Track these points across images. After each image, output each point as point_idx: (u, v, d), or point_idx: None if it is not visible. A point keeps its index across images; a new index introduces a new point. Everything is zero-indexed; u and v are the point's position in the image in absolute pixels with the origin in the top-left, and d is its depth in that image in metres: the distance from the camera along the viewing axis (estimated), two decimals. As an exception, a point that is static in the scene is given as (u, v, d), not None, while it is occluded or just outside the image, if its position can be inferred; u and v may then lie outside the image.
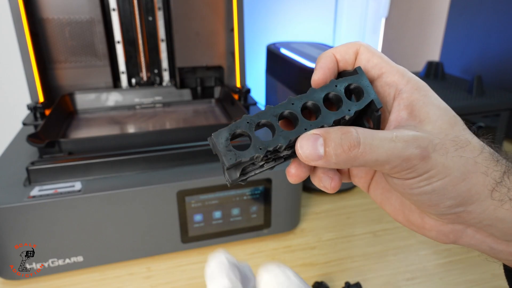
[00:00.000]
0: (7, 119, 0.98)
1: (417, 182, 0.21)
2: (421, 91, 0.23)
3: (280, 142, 0.22)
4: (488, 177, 0.21)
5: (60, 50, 0.77)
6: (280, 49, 0.87)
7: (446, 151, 0.20)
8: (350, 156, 0.20)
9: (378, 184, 0.27)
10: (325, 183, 0.25)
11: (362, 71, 0.24)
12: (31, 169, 0.54)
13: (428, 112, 0.22)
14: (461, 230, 0.23)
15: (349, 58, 0.25)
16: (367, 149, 0.20)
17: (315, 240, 0.64)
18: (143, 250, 0.57)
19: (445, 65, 1.11)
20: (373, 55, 0.24)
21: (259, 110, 0.80)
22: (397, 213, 0.26)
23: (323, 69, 0.25)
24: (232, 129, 0.22)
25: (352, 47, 0.25)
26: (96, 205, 0.52)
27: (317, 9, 1.20)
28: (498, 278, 0.56)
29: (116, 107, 0.80)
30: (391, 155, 0.20)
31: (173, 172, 0.57)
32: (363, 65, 0.25)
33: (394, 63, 0.24)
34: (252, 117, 0.23)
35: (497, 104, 0.87)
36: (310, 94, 0.24)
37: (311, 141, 0.21)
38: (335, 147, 0.20)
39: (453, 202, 0.21)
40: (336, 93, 0.24)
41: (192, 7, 0.81)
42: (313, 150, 0.21)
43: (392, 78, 0.24)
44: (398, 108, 0.23)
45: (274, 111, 0.23)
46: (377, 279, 0.56)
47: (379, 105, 0.24)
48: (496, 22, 0.98)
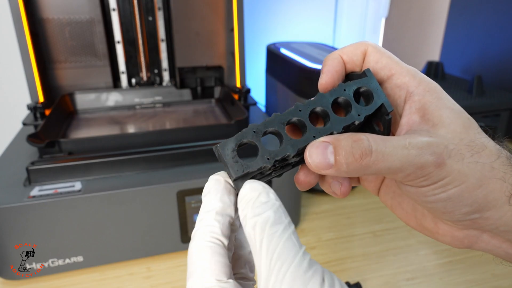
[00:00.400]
0: (7, 119, 0.98)
1: (432, 189, 0.20)
2: (434, 93, 0.22)
3: (289, 152, 0.22)
4: (506, 183, 0.20)
5: (60, 50, 0.77)
6: (280, 49, 0.87)
7: (461, 157, 0.20)
8: (362, 165, 0.19)
9: (388, 188, 0.26)
10: (334, 188, 0.25)
11: (371, 73, 0.23)
12: (31, 169, 0.54)
13: (441, 115, 0.21)
14: (476, 235, 0.22)
15: (357, 59, 0.24)
16: (379, 157, 0.19)
17: (315, 240, 0.64)
18: (143, 250, 0.57)
19: (445, 65, 1.11)
20: (382, 55, 0.24)
21: (259, 110, 0.80)
22: (409, 218, 0.25)
23: (330, 72, 0.24)
24: (238, 139, 0.22)
25: (359, 47, 0.24)
26: (96, 205, 0.52)
27: (317, 9, 1.20)
28: (498, 278, 0.56)
29: (116, 107, 0.80)
30: (405, 163, 0.19)
31: (173, 172, 0.57)
32: (372, 67, 0.24)
33: (404, 64, 0.24)
34: (258, 126, 0.22)
35: (497, 104, 0.87)
36: (318, 100, 0.23)
37: (320, 150, 0.20)
38: (346, 155, 0.20)
39: (469, 209, 0.20)
40: (345, 98, 0.23)
41: (192, 7, 0.81)
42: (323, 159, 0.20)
43: (402, 80, 0.23)
44: (409, 111, 0.22)
45: (281, 118, 0.22)
46: (377, 279, 0.56)
47: (390, 109, 0.23)
48: (496, 22, 0.98)
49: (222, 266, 0.20)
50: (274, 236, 0.18)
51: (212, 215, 0.21)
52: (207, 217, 0.21)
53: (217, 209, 0.21)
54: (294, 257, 0.18)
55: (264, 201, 0.19)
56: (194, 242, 0.20)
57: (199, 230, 0.21)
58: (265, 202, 0.19)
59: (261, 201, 0.19)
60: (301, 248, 0.18)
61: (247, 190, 0.20)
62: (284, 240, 0.18)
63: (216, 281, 0.19)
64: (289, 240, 0.18)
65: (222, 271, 0.19)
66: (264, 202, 0.19)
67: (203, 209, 0.21)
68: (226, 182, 0.22)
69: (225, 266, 0.20)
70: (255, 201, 0.19)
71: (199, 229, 0.21)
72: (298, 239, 0.19)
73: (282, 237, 0.18)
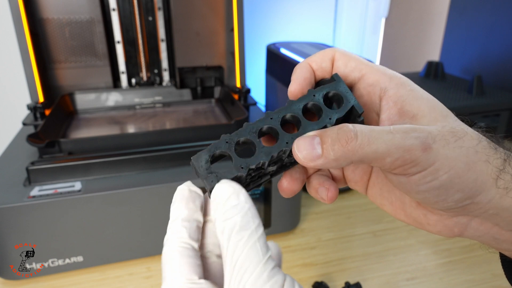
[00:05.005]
0: (7, 119, 0.98)
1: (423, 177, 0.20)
2: (407, 85, 0.23)
3: (262, 159, 0.22)
4: (491, 165, 0.20)
5: (60, 50, 0.77)
6: (280, 49, 0.87)
7: (446, 142, 0.20)
8: (348, 150, 0.20)
9: (375, 185, 0.27)
10: (321, 194, 0.25)
11: (340, 77, 0.24)
12: (31, 169, 0.53)
13: (419, 106, 0.22)
14: (466, 223, 0.23)
15: (325, 65, 0.25)
16: (364, 140, 0.20)
17: (315, 240, 0.64)
18: (143, 250, 0.57)
19: (445, 65, 1.11)
20: (349, 59, 0.24)
21: (259, 110, 0.80)
22: (398, 212, 0.25)
23: (298, 80, 0.24)
24: (211, 150, 0.22)
25: (327, 54, 0.25)
26: (96, 205, 0.52)
27: (317, 9, 1.20)
28: (498, 278, 0.56)
29: (116, 107, 0.80)
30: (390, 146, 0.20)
31: (173, 172, 0.57)
32: (342, 71, 0.24)
33: (372, 63, 0.24)
34: (230, 136, 0.22)
35: (497, 104, 0.87)
36: (288, 107, 0.23)
37: (307, 141, 0.21)
38: (332, 142, 0.20)
39: (461, 195, 0.20)
40: (315, 103, 0.23)
41: (192, 7, 0.81)
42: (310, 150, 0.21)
43: (373, 78, 0.23)
44: (387, 106, 0.23)
45: (252, 127, 0.23)
46: (377, 279, 0.56)
47: (361, 110, 0.23)
48: (496, 22, 0.98)
49: (191, 266, 0.20)
50: (238, 244, 0.19)
51: (179, 223, 0.22)
52: (174, 225, 0.22)
53: (183, 216, 0.22)
54: (255, 267, 0.18)
55: (233, 204, 0.20)
56: (164, 249, 0.21)
57: (168, 238, 0.22)
58: (234, 205, 0.20)
59: (230, 204, 0.20)
60: (264, 256, 0.18)
61: (217, 192, 0.21)
62: (248, 248, 0.18)
63: (186, 279, 0.20)
64: (253, 247, 0.18)
65: (192, 271, 0.20)
66: (233, 206, 0.20)
67: (171, 218, 0.22)
68: (190, 190, 0.23)
69: (196, 266, 0.20)
70: (225, 204, 0.20)
71: (168, 237, 0.22)
72: (263, 245, 0.19)
73: (246, 244, 0.19)
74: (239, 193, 0.20)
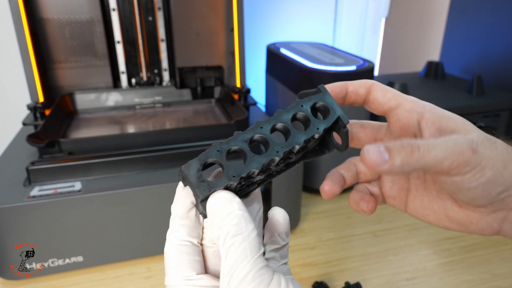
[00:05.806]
0: (7, 119, 0.98)
1: (473, 175, 0.24)
2: (436, 110, 0.27)
3: (253, 168, 0.22)
4: None
5: (60, 50, 0.77)
6: (280, 49, 0.87)
7: (485, 146, 0.24)
8: (413, 158, 0.23)
9: (416, 198, 0.29)
10: (362, 206, 0.29)
11: (326, 89, 0.25)
12: (31, 169, 0.53)
13: (455, 122, 0.26)
14: (503, 217, 0.26)
15: (361, 92, 0.28)
16: (425, 150, 0.23)
17: (315, 240, 0.64)
18: (143, 250, 0.57)
19: (445, 65, 1.11)
20: (386, 90, 0.28)
21: (259, 110, 0.80)
22: (442, 218, 0.28)
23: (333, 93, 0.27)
24: (202, 159, 0.22)
25: (366, 83, 0.28)
26: (96, 205, 0.52)
27: (317, 9, 1.20)
28: (498, 278, 0.56)
29: (116, 107, 0.80)
30: (446, 151, 0.23)
31: (173, 172, 0.57)
32: (380, 99, 0.28)
33: (406, 95, 0.28)
34: (222, 145, 0.23)
35: (497, 104, 0.87)
36: (278, 116, 0.24)
37: (376, 148, 0.23)
38: (399, 151, 0.23)
39: (502, 188, 0.24)
40: (303, 113, 0.24)
41: (192, 7, 0.81)
42: (379, 156, 0.23)
43: (409, 105, 0.27)
44: (427, 126, 0.26)
45: (243, 136, 0.23)
46: (377, 279, 0.56)
47: (346, 121, 0.25)
48: (496, 22, 0.98)
49: (189, 263, 0.22)
50: (231, 249, 0.20)
51: (177, 221, 0.23)
52: (172, 224, 0.23)
53: (180, 214, 0.23)
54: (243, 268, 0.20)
55: (227, 212, 0.21)
56: (165, 249, 0.23)
57: (167, 237, 0.23)
58: (228, 213, 0.21)
59: (225, 212, 0.21)
60: (252, 258, 0.20)
61: (213, 203, 0.22)
62: (239, 251, 0.20)
63: (183, 277, 0.22)
64: (243, 251, 0.20)
65: (190, 267, 0.22)
66: (227, 214, 0.21)
67: (171, 216, 0.24)
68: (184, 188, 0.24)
69: (194, 262, 0.22)
70: (220, 213, 0.22)
71: (168, 237, 0.23)
72: (254, 247, 0.20)
73: (238, 248, 0.20)
74: (232, 201, 0.22)
